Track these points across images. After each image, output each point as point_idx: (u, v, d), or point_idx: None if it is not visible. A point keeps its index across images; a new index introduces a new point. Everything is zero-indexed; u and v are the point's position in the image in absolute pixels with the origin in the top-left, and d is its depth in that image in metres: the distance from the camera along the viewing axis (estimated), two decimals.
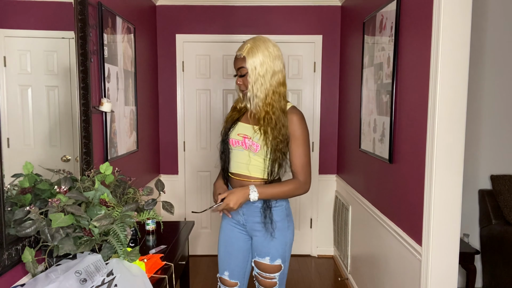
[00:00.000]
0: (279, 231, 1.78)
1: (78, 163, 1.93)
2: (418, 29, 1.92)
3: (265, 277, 1.81)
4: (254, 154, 1.73)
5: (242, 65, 1.68)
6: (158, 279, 1.62)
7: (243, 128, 1.77)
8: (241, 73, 1.70)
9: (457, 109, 1.72)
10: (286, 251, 1.81)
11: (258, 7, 3.60)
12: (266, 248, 1.78)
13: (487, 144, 3.04)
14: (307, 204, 3.84)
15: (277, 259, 1.79)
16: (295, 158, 1.72)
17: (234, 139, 1.78)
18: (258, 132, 1.71)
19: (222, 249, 1.92)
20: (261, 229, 1.78)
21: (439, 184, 1.75)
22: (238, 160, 1.78)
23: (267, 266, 1.79)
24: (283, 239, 1.79)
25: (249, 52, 1.66)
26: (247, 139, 1.74)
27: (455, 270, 1.81)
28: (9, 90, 1.42)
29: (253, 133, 1.72)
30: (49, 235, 1.36)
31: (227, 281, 1.92)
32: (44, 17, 1.71)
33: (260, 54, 1.66)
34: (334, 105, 3.74)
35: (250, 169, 1.76)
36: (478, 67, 2.98)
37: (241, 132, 1.77)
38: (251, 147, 1.72)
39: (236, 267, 1.90)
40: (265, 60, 1.66)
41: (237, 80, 1.73)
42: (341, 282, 3.31)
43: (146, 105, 3.28)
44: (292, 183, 1.72)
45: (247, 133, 1.75)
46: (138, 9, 3.06)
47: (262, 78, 1.67)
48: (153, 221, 2.15)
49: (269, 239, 1.78)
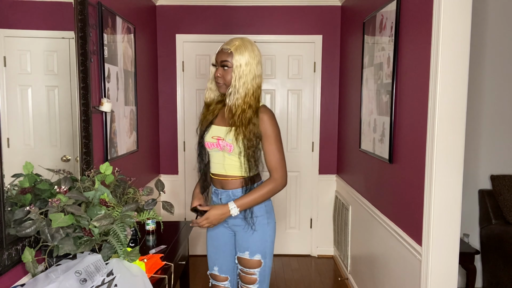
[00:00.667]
0: (258, 225, 1.82)
1: (78, 163, 1.93)
2: (418, 29, 1.92)
3: (246, 272, 1.85)
4: (229, 154, 1.78)
5: (228, 59, 1.73)
6: (158, 279, 1.62)
7: (217, 130, 1.82)
8: (225, 65, 1.73)
9: (457, 109, 1.72)
10: (266, 247, 1.84)
11: (258, 7, 3.60)
12: (246, 242, 1.83)
13: (487, 144, 3.04)
14: (307, 204, 3.84)
15: (256, 254, 1.83)
16: (268, 156, 1.78)
17: (209, 142, 1.83)
18: (230, 132, 1.75)
19: (210, 244, 1.97)
20: (241, 224, 1.83)
21: (439, 184, 1.75)
22: (215, 161, 1.85)
23: (247, 260, 1.83)
24: (262, 234, 1.83)
25: (238, 49, 1.72)
26: (221, 141, 1.79)
27: (455, 270, 1.81)
28: (9, 90, 1.42)
29: (225, 134, 1.77)
30: (49, 235, 1.35)
31: (217, 276, 1.98)
32: (44, 17, 1.71)
33: (247, 54, 1.72)
34: (334, 105, 3.74)
35: (226, 168, 1.82)
36: (478, 67, 2.98)
37: (214, 134, 1.82)
38: (225, 148, 1.77)
39: (224, 261, 1.94)
40: (250, 61, 1.72)
41: (217, 71, 1.76)
42: (341, 282, 3.31)
43: (146, 105, 3.28)
44: (268, 184, 1.78)
45: (220, 135, 1.79)
46: (138, 9, 3.06)
47: (246, 77, 1.72)
48: (153, 221, 2.15)
49: (249, 234, 1.82)
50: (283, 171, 1.79)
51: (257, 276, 1.84)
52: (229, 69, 1.73)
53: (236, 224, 1.84)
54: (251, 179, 1.80)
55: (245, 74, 1.72)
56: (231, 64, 1.72)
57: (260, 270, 1.84)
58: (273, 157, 1.77)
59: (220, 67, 1.75)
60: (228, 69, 1.73)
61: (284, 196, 3.82)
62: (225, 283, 1.97)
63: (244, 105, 1.73)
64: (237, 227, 1.85)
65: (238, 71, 1.71)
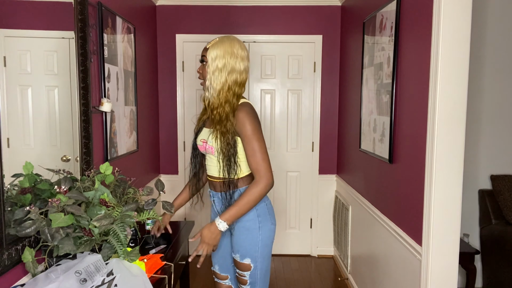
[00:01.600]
0: (248, 230, 1.77)
1: (78, 163, 1.93)
2: (418, 29, 1.92)
3: (238, 273, 1.85)
4: (211, 156, 1.79)
5: (204, 54, 1.74)
6: (158, 279, 1.62)
7: (204, 133, 1.83)
8: (202, 60, 1.76)
9: (457, 109, 1.72)
10: (257, 251, 1.79)
11: (258, 7, 3.60)
12: (237, 245, 1.81)
13: (487, 144, 3.04)
14: (307, 204, 3.84)
15: (246, 258, 1.79)
16: (248, 157, 1.69)
17: (199, 145, 1.85)
18: (211, 134, 1.74)
19: None
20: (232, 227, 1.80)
21: (439, 184, 1.75)
22: (207, 163, 1.86)
23: (237, 263, 1.83)
24: (252, 239, 1.77)
25: (214, 45, 1.72)
26: (205, 143, 1.79)
27: (455, 270, 1.81)
28: (9, 90, 1.42)
29: (208, 136, 1.77)
30: (49, 235, 1.35)
31: (218, 274, 2.00)
32: (44, 17, 1.71)
33: (221, 49, 1.70)
34: (334, 105, 3.74)
35: (210, 170, 1.83)
36: (478, 67, 2.98)
37: (202, 137, 1.82)
38: (208, 150, 1.78)
39: (223, 261, 1.95)
40: (225, 56, 1.69)
41: (199, 67, 1.78)
42: (341, 282, 3.31)
43: (146, 105, 3.28)
44: (250, 189, 1.67)
45: (205, 138, 1.80)
46: (138, 9, 3.06)
47: (219, 71, 1.69)
48: (153, 221, 2.14)
49: (239, 238, 1.79)
50: (266, 171, 1.67)
51: (247, 278, 1.82)
52: (205, 64, 1.74)
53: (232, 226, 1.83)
54: (232, 182, 1.74)
55: (219, 68, 1.69)
56: (206, 59, 1.73)
57: (250, 273, 1.80)
58: (253, 158, 1.67)
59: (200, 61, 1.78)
60: (205, 64, 1.74)
61: (284, 196, 3.82)
62: (225, 281, 1.99)
63: (219, 100, 1.70)
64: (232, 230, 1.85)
65: (212, 66, 1.70)
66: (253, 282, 1.82)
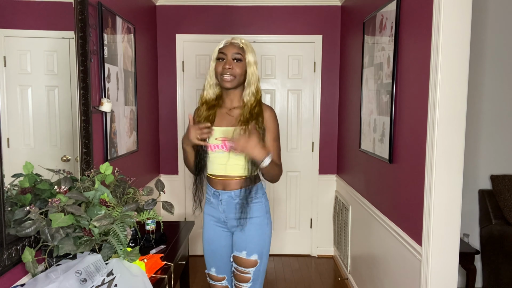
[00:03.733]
0: (258, 226, 1.82)
1: (78, 163, 1.93)
2: (418, 29, 1.92)
3: (240, 271, 1.84)
4: (235, 155, 1.76)
5: (240, 52, 1.74)
6: (158, 279, 1.62)
7: (220, 132, 1.79)
8: (238, 58, 1.73)
9: (457, 109, 1.72)
10: (264, 247, 1.85)
11: (258, 7, 3.60)
12: (244, 242, 1.82)
13: (487, 144, 3.04)
14: (307, 204, 3.84)
15: (254, 254, 1.82)
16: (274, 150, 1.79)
17: (213, 144, 1.80)
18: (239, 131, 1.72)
19: (207, 247, 1.97)
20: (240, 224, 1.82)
21: (439, 184, 1.75)
22: (216, 162, 1.82)
23: (243, 260, 1.83)
24: (262, 235, 1.83)
25: (248, 47, 1.76)
26: (227, 141, 1.76)
27: (455, 270, 1.81)
28: (9, 90, 1.42)
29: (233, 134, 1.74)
30: (49, 235, 1.36)
31: (215, 276, 1.99)
32: (44, 17, 1.71)
33: (254, 54, 1.79)
34: (334, 105, 3.74)
35: (228, 169, 1.80)
36: (478, 67, 2.98)
37: (218, 136, 1.79)
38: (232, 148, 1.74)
39: (221, 263, 1.95)
40: (256, 61, 1.78)
41: (226, 63, 1.72)
42: (341, 282, 3.31)
43: (146, 105, 3.28)
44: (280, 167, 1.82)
45: (226, 136, 1.77)
46: (138, 9, 3.06)
47: (256, 75, 1.78)
48: (153, 221, 2.14)
49: (248, 234, 1.82)
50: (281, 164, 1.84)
51: (251, 275, 1.84)
52: (241, 63, 1.73)
53: (235, 224, 1.85)
54: (252, 179, 1.80)
55: (256, 72, 1.77)
56: (243, 58, 1.73)
57: (255, 269, 1.84)
58: (276, 151, 1.80)
59: (231, 59, 1.72)
60: (240, 63, 1.73)
61: (284, 196, 3.82)
62: (222, 282, 1.99)
63: (255, 102, 1.77)
64: (236, 228, 1.85)
65: (251, 69, 1.75)
66: (255, 279, 1.85)
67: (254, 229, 1.82)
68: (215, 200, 1.87)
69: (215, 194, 1.86)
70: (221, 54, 1.74)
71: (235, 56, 1.72)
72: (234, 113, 1.81)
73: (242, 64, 1.74)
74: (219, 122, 1.81)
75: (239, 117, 1.77)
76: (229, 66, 1.72)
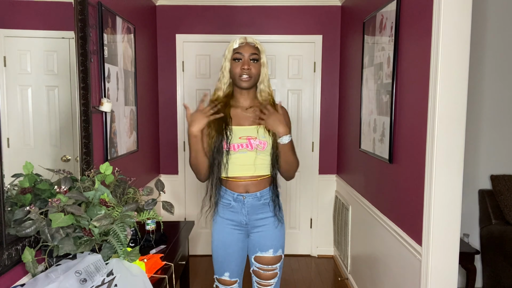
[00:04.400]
0: (280, 222, 1.87)
1: (78, 163, 1.93)
2: (418, 29, 1.92)
3: (266, 269, 1.85)
4: (260, 153, 1.75)
5: (256, 52, 1.74)
6: (158, 279, 1.62)
7: (243, 131, 1.76)
8: (255, 58, 1.74)
9: (457, 109, 1.72)
10: (284, 241, 1.91)
11: (258, 7, 3.60)
12: (270, 240, 1.83)
13: (487, 144, 3.04)
14: (307, 204, 3.84)
15: (279, 249, 1.86)
16: None
17: (236, 143, 1.74)
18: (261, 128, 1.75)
19: (222, 252, 1.87)
20: (264, 224, 1.83)
21: (439, 184, 1.75)
22: (241, 163, 1.76)
23: (270, 258, 1.84)
24: (282, 230, 1.88)
25: (261, 47, 1.78)
26: (252, 139, 1.75)
27: (455, 270, 1.81)
28: (9, 90, 1.42)
29: (257, 132, 1.75)
30: (49, 235, 1.36)
31: (227, 281, 1.90)
32: (44, 17, 1.71)
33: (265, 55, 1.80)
34: (334, 105, 3.74)
35: (257, 169, 1.78)
36: (478, 67, 2.98)
37: (242, 135, 1.75)
38: (259, 146, 1.75)
39: (236, 267, 1.90)
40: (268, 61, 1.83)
41: (247, 64, 1.71)
42: (341, 282, 3.31)
43: (146, 105, 3.28)
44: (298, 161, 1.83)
45: (250, 134, 1.75)
46: (138, 9, 3.06)
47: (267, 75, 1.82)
48: (153, 221, 2.14)
49: (272, 232, 1.83)
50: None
51: (278, 270, 1.87)
52: (257, 64, 1.74)
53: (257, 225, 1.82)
54: (274, 177, 1.83)
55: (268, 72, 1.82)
56: (259, 58, 1.74)
57: (280, 264, 1.88)
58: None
59: (248, 60, 1.72)
60: (257, 63, 1.74)
61: (284, 196, 3.82)
62: (233, 286, 1.92)
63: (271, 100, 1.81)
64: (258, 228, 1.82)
65: (264, 69, 1.78)
66: (279, 274, 1.89)
67: (279, 226, 1.85)
68: (237, 203, 1.80)
69: (238, 198, 1.79)
70: (237, 54, 1.73)
71: (252, 57, 1.72)
72: (250, 112, 1.80)
73: (259, 64, 1.75)
74: (239, 121, 1.78)
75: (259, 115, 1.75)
76: (247, 67, 1.71)
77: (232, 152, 1.75)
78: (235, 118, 1.78)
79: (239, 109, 1.81)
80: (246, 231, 1.86)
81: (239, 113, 1.80)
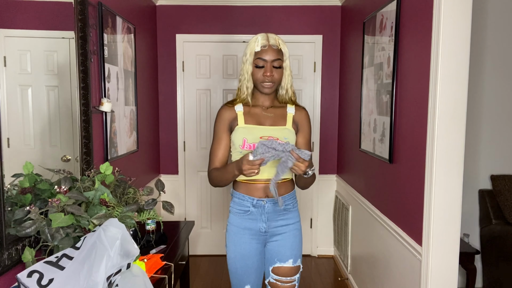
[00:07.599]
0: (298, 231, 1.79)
1: (78, 163, 1.93)
2: (418, 29, 1.92)
3: (285, 281, 1.74)
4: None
5: (279, 57, 1.65)
6: (158, 279, 1.62)
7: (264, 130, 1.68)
8: (278, 65, 1.65)
9: (457, 109, 1.72)
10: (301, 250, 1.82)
11: (258, 7, 3.60)
12: (289, 250, 1.74)
13: (487, 144, 3.04)
14: (307, 204, 3.84)
15: (298, 259, 1.77)
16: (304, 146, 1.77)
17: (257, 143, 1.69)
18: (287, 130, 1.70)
19: (242, 264, 1.75)
20: (284, 232, 1.74)
21: (439, 184, 1.75)
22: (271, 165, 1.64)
23: (289, 269, 1.74)
24: (301, 239, 1.80)
25: (284, 48, 1.71)
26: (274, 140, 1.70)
27: (455, 270, 1.81)
28: (9, 90, 1.42)
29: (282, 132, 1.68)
30: (49, 235, 1.35)
31: None
32: (44, 17, 1.71)
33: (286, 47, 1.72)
34: (334, 105, 3.74)
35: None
36: (478, 67, 2.98)
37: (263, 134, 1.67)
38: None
39: (256, 279, 1.79)
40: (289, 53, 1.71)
41: (270, 71, 1.63)
42: (341, 282, 3.31)
43: (146, 105, 3.28)
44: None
45: (272, 134, 1.66)
46: (138, 9, 3.06)
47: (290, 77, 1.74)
48: (153, 221, 2.14)
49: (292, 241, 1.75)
50: None
51: (296, 281, 1.76)
52: (281, 70, 1.67)
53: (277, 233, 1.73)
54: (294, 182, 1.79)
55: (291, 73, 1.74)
56: (282, 62, 1.67)
57: (298, 275, 1.78)
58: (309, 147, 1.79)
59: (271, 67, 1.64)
60: (280, 70, 1.66)
61: None
62: None
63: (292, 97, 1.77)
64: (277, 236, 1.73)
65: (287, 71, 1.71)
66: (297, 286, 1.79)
67: (295, 235, 1.76)
68: (257, 209, 1.71)
69: (258, 204, 1.70)
70: (259, 60, 1.64)
71: (275, 64, 1.64)
72: (270, 112, 1.74)
73: (282, 70, 1.68)
74: (259, 121, 1.71)
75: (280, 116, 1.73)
76: (270, 74, 1.64)
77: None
78: (256, 117, 1.72)
79: (258, 108, 1.74)
80: (264, 240, 1.75)
81: (259, 113, 1.73)
